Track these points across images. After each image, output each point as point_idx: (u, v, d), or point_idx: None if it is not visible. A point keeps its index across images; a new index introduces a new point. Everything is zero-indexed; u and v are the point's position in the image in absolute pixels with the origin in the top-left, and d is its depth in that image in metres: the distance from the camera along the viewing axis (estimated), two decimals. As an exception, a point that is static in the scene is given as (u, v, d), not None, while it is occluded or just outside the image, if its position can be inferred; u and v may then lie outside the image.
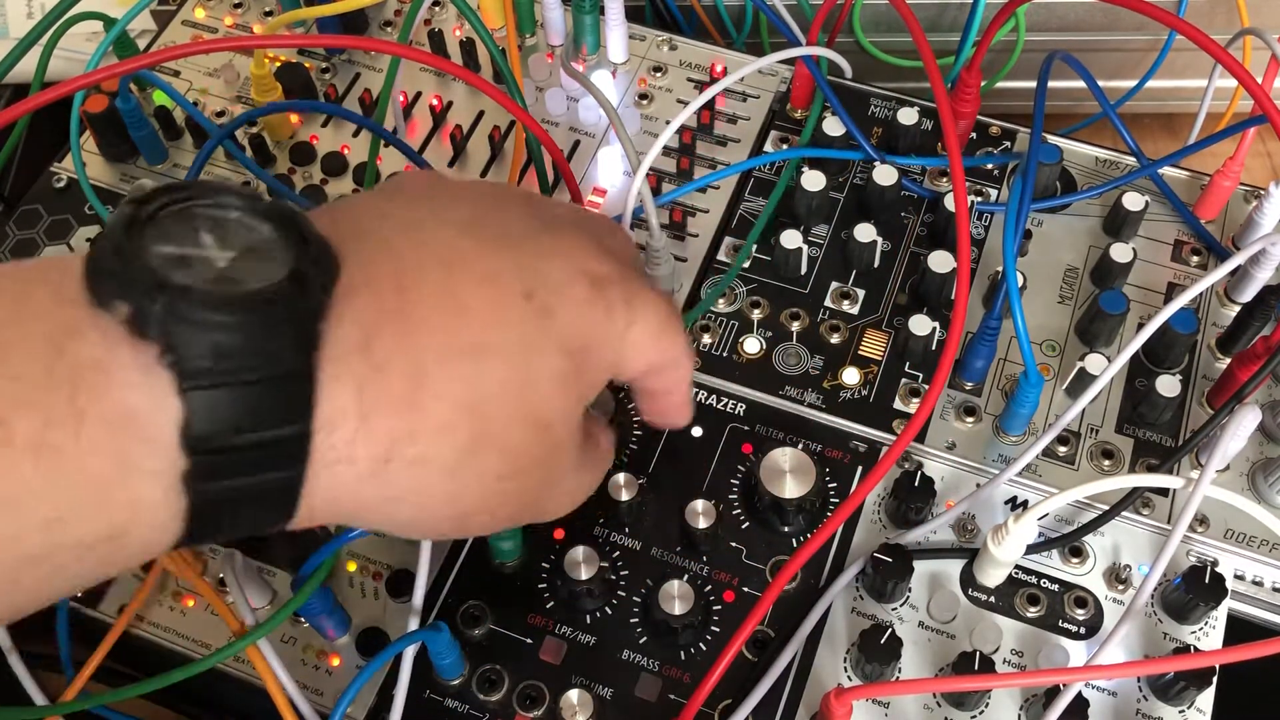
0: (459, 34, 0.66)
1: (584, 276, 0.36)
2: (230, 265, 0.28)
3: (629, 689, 0.47)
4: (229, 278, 0.28)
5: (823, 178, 0.57)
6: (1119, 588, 0.49)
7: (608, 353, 0.37)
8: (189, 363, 0.27)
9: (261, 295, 0.28)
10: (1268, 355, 0.49)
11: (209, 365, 0.27)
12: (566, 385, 0.35)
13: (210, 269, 0.28)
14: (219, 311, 0.27)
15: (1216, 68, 0.62)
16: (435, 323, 0.32)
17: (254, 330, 0.27)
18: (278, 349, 0.28)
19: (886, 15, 0.75)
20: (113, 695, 0.44)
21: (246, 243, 0.29)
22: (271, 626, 0.43)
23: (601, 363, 0.37)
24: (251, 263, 0.29)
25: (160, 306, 0.26)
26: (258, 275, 0.28)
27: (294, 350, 0.28)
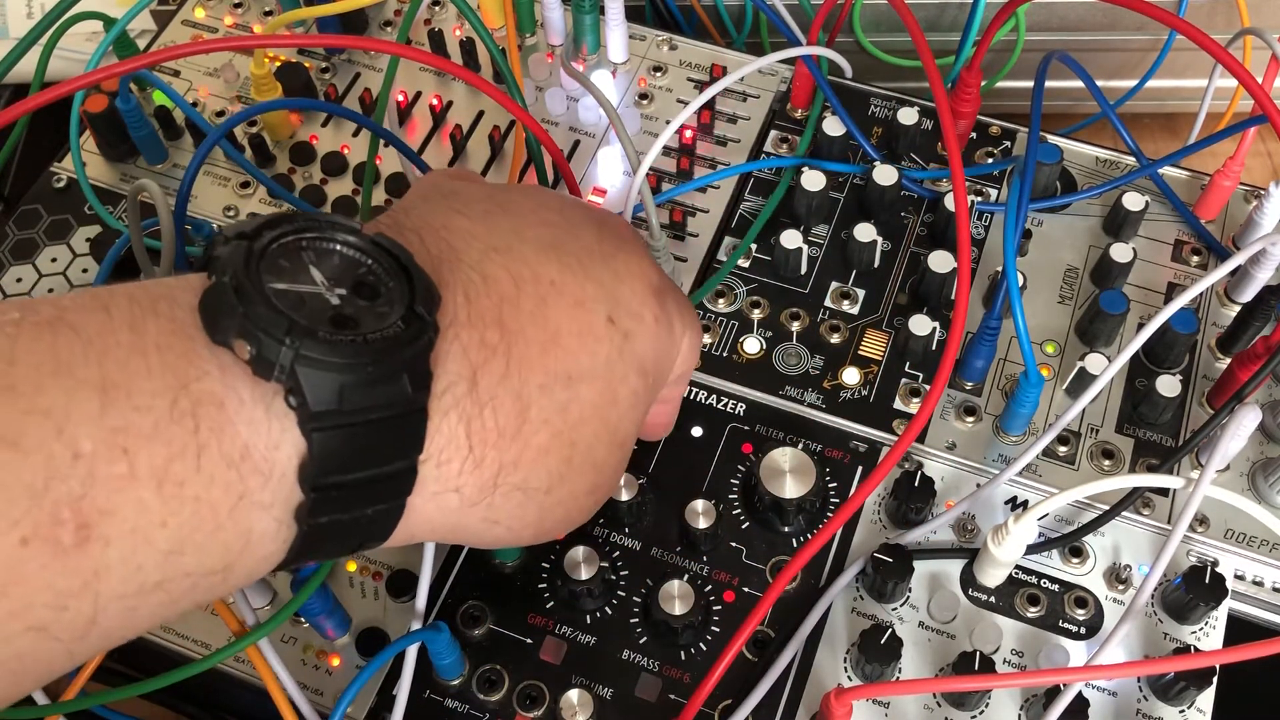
0: (459, 34, 0.66)
1: (652, 295, 0.37)
2: (343, 302, 0.29)
3: (629, 689, 0.47)
4: (346, 317, 0.29)
5: (823, 177, 0.57)
6: (1119, 588, 0.49)
7: (668, 365, 0.39)
8: (314, 405, 0.27)
9: (383, 340, 0.28)
10: (1268, 355, 0.49)
11: (334, 408, 0.28)
12: (640, 403, 0.37)
13: (327, 307, 0.29)
14: (344, 356, 0.27)
15: (1216, 68, 0.62)
16: (534, 355, 0.33)
17: (377, 374, 0.28)
18: (398, 391, 0.29)
19: (886, 15, 0.75)
20: (113, 694, 0.44)
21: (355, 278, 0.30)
22: (272, 627, 0.43)
23: (664, 377, 0.39)
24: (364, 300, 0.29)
25: (286, 350, 0.27)
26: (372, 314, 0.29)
27: (412, 391, 0.29)
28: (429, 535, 0.34)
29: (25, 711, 0.45)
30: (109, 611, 0.26)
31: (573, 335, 0.34)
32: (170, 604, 0.28)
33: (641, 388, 0.37)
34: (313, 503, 0.28)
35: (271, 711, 0.44)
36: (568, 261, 0.35)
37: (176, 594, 0.28)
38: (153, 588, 0.27)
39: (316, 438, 0.28)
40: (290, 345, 0.27)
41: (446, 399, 0.30)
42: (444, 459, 0.31)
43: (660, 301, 0.38)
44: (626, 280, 0.37)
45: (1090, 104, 0.62)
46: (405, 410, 0.29)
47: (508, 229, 0.35)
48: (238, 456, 0.27)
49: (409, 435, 0.30)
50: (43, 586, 0.25)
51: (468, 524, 0.33)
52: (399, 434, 0.29)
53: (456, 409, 0.31)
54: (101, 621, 0.26)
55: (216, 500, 0.27)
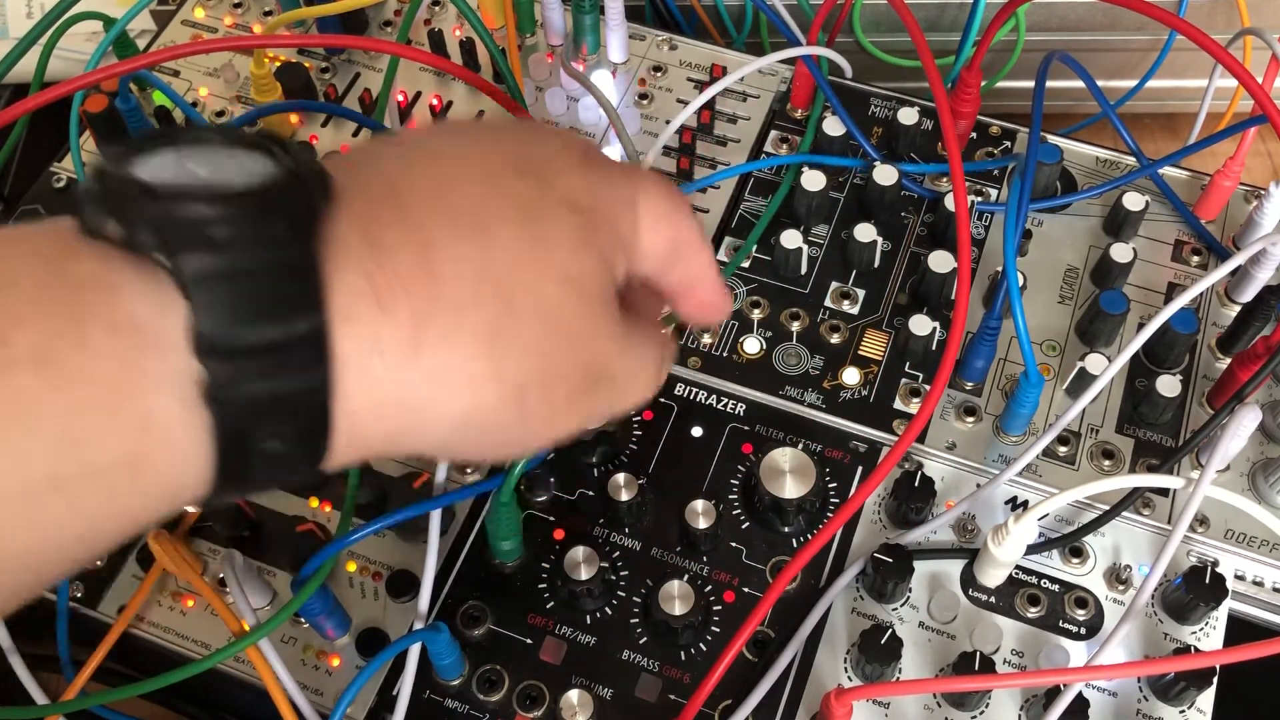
0: (459, 34, 0.66)
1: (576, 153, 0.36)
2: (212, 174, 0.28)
3: (629, 689, 0.47)
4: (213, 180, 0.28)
5: (823, 178, 0.57)
6: (1119, 588, 0.49)
7: (621, 222, 0.36)
8: (187, 262, 0.26)
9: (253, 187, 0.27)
10: (1268, 355, 0.49)
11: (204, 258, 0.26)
12: (583, 240, 0.34)
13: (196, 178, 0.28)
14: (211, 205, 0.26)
15: (1217, 68, 0.62)
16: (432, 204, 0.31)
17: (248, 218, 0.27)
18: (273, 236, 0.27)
19: (886, 15, 0.75)
20: (112, 694, 0.44)
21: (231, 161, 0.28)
22: (272, 627, 0.43)
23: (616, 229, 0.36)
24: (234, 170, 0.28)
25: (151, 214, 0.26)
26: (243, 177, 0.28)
27: (290, 237, 0.28)
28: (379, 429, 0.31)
29: (25, 711, 0.45)
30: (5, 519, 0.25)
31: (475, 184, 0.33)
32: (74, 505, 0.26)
33: (580, 223, 0.34)
34: (212, 372, 0.26)
35: (271, 711, 0.45)
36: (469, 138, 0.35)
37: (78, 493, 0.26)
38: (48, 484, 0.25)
39: (195, 293, 0.26)
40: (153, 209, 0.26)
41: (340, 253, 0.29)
42: (351, 315, 0.29)
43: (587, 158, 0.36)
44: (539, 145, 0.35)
45: (1090, 104, 0.62)
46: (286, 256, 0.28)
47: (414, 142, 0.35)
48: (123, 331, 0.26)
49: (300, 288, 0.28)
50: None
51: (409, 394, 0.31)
52: (288, 286, 0.28)
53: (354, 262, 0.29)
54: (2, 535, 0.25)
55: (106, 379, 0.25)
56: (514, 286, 0.32)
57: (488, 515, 0.48)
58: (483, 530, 0.51)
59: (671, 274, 0.39)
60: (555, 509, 0.52)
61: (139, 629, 0.49)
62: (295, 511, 0.52)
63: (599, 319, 0.35)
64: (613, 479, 0.50)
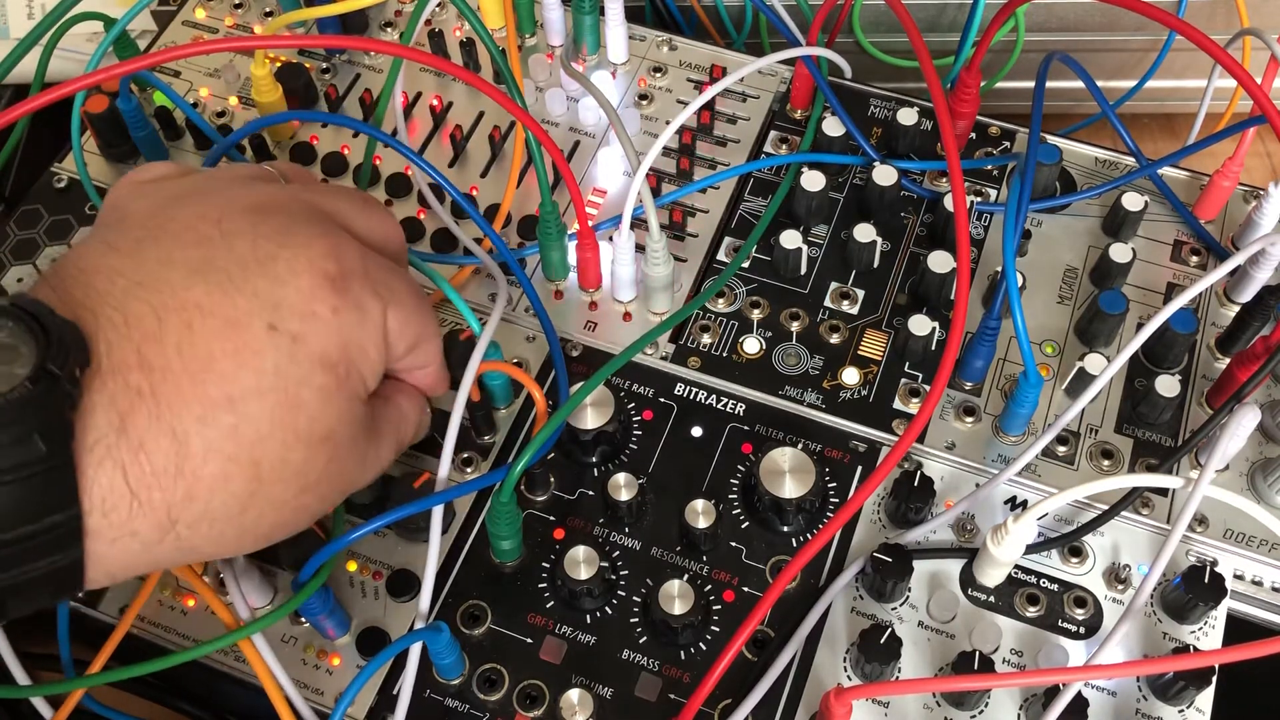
0: (459, 34, 0.66)
1: (326, 286, 0.36)
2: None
3: (629, 689, 0.47)
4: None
5: (822, 178, 0.57)
6: (1118, 587, 0.49)
7: (372, 345, 0.38)
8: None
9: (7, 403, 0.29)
10: (1267, 355, 0.49)
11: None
12: (336, 394, 0.37)
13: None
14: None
15: (1216, 68, 0.62)
16: (185, 388, 0.33)
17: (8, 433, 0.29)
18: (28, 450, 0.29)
19: (886, 15, 0.75)
20: (95, 679, 0.45)
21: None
22: (266, 623, 0.44)
23: (368, 357, 0.38)
24: None
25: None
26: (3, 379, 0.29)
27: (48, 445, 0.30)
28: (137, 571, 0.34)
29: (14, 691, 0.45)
30: None
31: (228, 356, 0.34)
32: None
33: (332, 380, 0.37)
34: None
35: (271, 711, 0.45)
36: (218, 279, 0.35)
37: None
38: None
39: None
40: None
41: (99, 450, 0.31)
42: (108, 508, 0.31)
43: (339, 289, 0.37)
44: (290, 280, 0.36)
45: (1090, 104, 0.62)
46: (41, 468, 0.30)
47: (155, 258, 0.35)
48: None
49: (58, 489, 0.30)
50: None
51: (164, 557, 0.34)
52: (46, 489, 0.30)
53: (110, 457, 0.31)
54: None
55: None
56: (264, 460, 0.35)
57: (488, 515, 0.48)
58: (483, 530, 0.51)
59: (406, 361, 0.42)
60: (555, 509, 0.52)
61: (140, 628, 0.49)
62: (296, 511, 0.52)
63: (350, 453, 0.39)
64: (613, 479, 0.50)
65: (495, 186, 0.61)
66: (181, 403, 0.33)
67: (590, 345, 0.56)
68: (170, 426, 0.33)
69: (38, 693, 0.46)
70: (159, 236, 0.36)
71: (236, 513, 0.35)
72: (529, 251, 0.58)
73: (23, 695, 0.45)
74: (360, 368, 0.38)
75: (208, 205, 0.38)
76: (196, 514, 0.34)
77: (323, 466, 0.37)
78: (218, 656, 0.48)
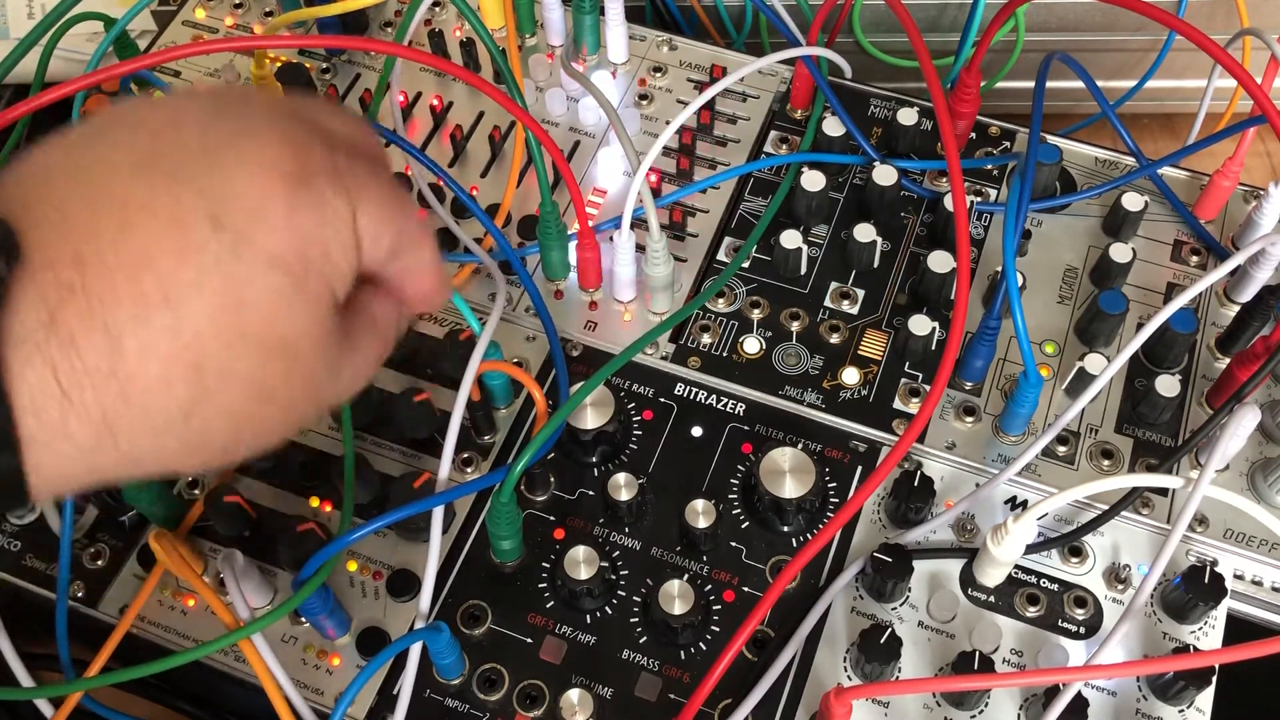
0: (459, 34, 0.66)
1: (281, 183, 0.34)
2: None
3: (629, 689, 0.47)
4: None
5: (822, 178, 0.57)
6: (1118, 587, 0.49)
7: (337, 248, 0.35)
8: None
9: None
10: (1267, 355, 0.49)
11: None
12: (292, 298, 0.34)
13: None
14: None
15: (1216, 68, 0.62)
16: (120, 284, 0.31)
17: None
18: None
19: (886, 15, 0.75)
20: (92, 682, 0.45)
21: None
22: (265, 623, 0.43)
23: (334, 259, 0.35)
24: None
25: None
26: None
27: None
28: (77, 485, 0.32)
29: (18, 693, 0.45)
30: None
31: (168, 254, 0.32)
32: None
33: (289, 282, 0.33)
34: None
35: (271, 711, 0.45)
36: (161, 174, 0.33)
37: None
38: None
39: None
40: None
41: (27, 347, 0.29)
42: (38, 407, 0.30)
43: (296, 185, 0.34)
44: (239, 173, 0.33)
45: (1090, 104, 0.62)
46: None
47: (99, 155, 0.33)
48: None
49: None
50: None
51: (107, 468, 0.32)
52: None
53: (39, 354, 0.30)
54: None
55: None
56: (205, 362, 0.32)
57: (488, 515, 0.48)
58: (483, 530, 0.51)
59: (390, 267, 0.38)
60: (555, 509, 0.52)
61: (140, 628, 0.49)
62: (296, 511, 0.52)
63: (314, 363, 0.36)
64: (613, 479, 0.50)
65: (495, 186, 0.61)
66: (115, 299, 0.31)
67: (590, 345, 0.56)
68: (103, 322, 0.30)
69: (40, 694, 0.46)
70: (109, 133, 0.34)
71: (179, 420, 0.32)
72: (529, 251, 0.58)
73: (25, 697, 0.45)
74: (324, 271, 0.35)
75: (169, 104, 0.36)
76: (135, 420, 0.31)
77: (281, 376, 0.34)
78: (217, 656, 0.48)
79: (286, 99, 0.39)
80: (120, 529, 0.51)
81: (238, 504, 0.49)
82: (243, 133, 0.34)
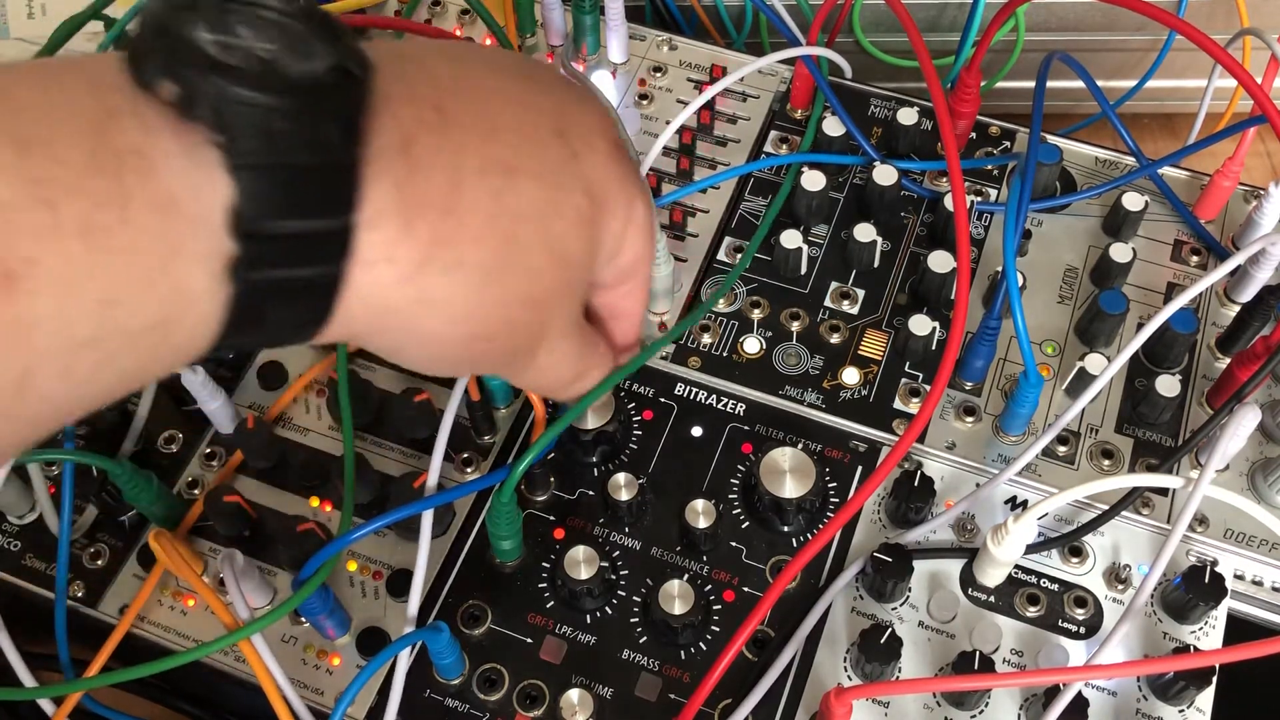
0: (459, 34, 0.66)
1: (608, 135, 0.37)
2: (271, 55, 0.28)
3: (629, 689, 0.47)
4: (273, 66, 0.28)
5: (822, 178, 0.57)
6: (1119, 587, 0.49)
7: (616, 221, 0.37)
8: (240, 143, 0.27)
9: (311, 82, 0.28)
10: (1267, 355, 0.49)
11: (259, 146, 0.27)
12: (585, 227, 0.36)
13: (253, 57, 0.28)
14: (271, 94, 0.27)
15: (1216, 68, 0.62)
16: (471, 137, 0.33)
17: (304, 115, 0.28)
18: (326, 136, 0.29)
19: (886, 15, 0.75)
20: (100, 680, 0.45)
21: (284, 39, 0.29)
22: (265, 624, 0.43)
23: (611, 227, 0.37)
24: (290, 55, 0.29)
25: (211, 86, 0.27)
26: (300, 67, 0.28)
27: (341, 140, 0.29)
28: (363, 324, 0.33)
29: (19, 693, 0.45)
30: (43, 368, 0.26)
31: (514, 131, 0.34)
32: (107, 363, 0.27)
33: (588, 211, 0.36)
34: (244, 252, 0.28)
35: (271, 711, 0.45)
36: (519, 76, 0.35)
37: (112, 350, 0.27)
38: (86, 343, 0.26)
39: (244, 178, 0.27)
40: (215, 81, 0.27)
41: (379, 161, 0.30)
42: (376, 223, 0.30)
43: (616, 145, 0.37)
44: (583, 110, 0.36)
45: (1090, 104, 0.62)
46: (334, 159, 0.29)
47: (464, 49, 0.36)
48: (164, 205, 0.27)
49: (339, 188, 0.29)
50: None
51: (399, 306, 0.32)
52: (329, 184, 0.29)
53: (389, 172, 0.30)
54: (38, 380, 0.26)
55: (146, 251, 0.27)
56: (516, 240, 0.34)
57: (488, 515, 0.48)
58: (483, 530, 0.51)
59: (613, 292, 0.41)
60: (555, 509, 0.52)
61: (139, 629, 0.49)
62: (295, 511, 0.52)
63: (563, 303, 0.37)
64: (613, 479, 0.50)
65: (495, 186, 0.61)
66: (465, 149, 0.32)
67: (590, 345, 0.56)
68: (451, 163, 0.32)
69: (40, 694, 0.46)
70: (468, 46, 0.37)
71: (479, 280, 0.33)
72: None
73: (25, 697, 0.45)
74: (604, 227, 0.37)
75: None
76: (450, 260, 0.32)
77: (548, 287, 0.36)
78: (217, 656, 0.48)
79: None
80: (120, 529, 0.51)
81: (238, 504, 0.49)
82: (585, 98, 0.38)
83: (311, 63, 0.29)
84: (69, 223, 0.25)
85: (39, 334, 0.25)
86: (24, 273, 0.25)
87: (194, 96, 0.27)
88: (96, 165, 0.26)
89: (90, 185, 0.26)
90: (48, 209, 0.25)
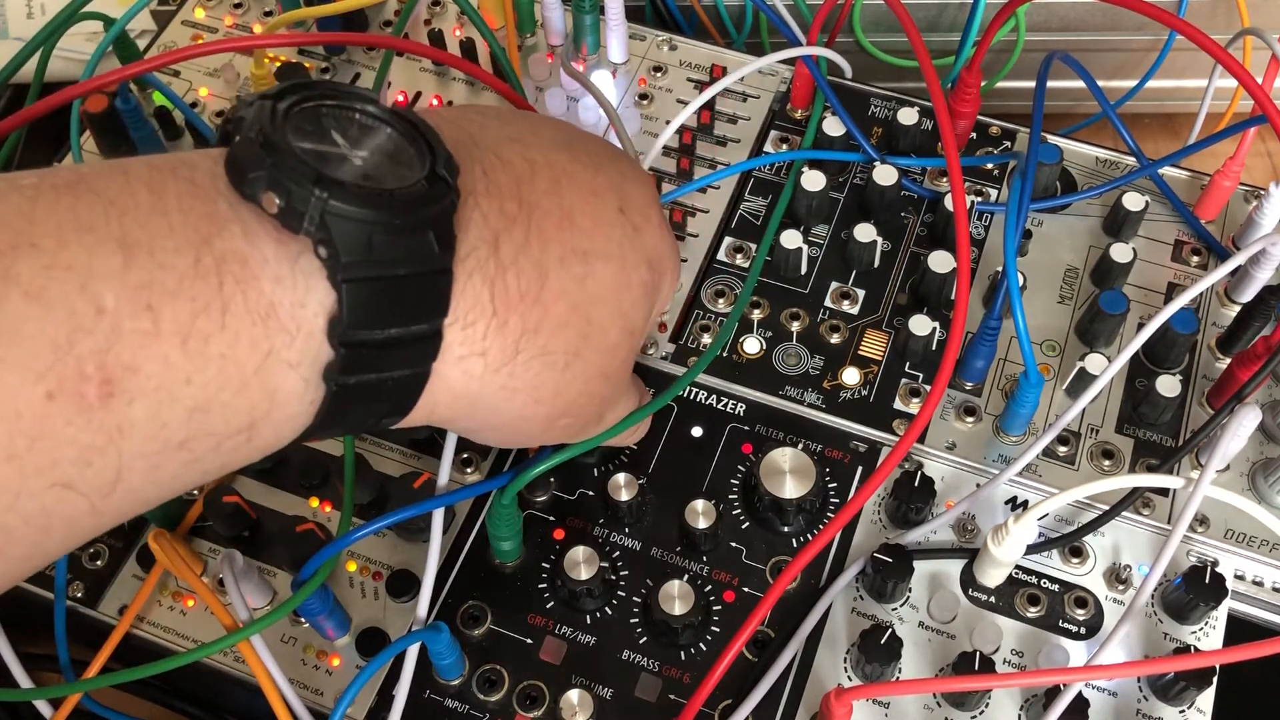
0: (459, 34, 0.66)
1: (657, 204, 0.39)
2: (365, 164, 0.29)
3: (629, 689, 0.47)
4: (370, 176, 0.29)
5: (822, 178, 0.57)
6: (1119, 588, 0.49)
7: (668, 284, 0.40)
8: (345, 256, 0.27)
9: (408, 194, 0.29)
10: (1268, 355, 0.49)
11: (362, 259, 0.28)
12: (648, 296, 0.38)
13: (351, 167, 0.29)
14: (373, 208, 0.28)
15: (1216, 68, 0.62)
16: (551, 228, 0.34)
17: (404, 228, 0.28)
18: (425, 246, 0.29)
19: (886, 15, 0.75)
20: (100, 680, 0.44)
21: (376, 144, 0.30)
22: (264, 624, 0.43)
23: (665, 290, 0.39)
24: (385, 163, 0.29)
25: (316, 200, 0.27)
26: (395, 175, 0.29)
27: (438, 248, 0.30)
28: (447, 411, 0.34)
29: (17, 694, 0.45)
30: (133, 469, 0.26)
31: (587, 216, 0.35)
32: (194, 463, 0.28)
33: (650, 282, 0.38)
34: (342, 360, 0.28)
35: (271, 711, 0.44)
36: (579, 155, 0.37)
37: (200, 453, 0.28)
38: (177, 446, 0.27)
39: (347, 290, 0.28)
40: (319, 196, 0.27)
41: (470, 262, 0.31)
42: (469, 321, 0.31)
43: (660, 210, 0.39)
44: (633, 181, 0.38)
45: (1090, 104, 0.62)
46: (431, 268, 0.30)
47: (522, 126, 0.37)
48: (263, 313, 0.27)
49: (435, 294, 0.30)
50: (67, 441, 0.25)
51: (487, 395, 0.33)
52: (426, 292, 0.30)
53: (480, 271, 0.31)
54: (126, 478, 0.26)
55: (242, 358, 0.27)
56: (593, 320, 0.35)
57: (488, 515, 0.48)
58: (483, 530, 0.51)
59: None
60: (555, 509, 0.52)
61: (139, 629, 0.49)
62: (295, 511, 0.52)
63: (627, 369, 0.40)
64: (613, 479, 0.50)
65: (495, 186, 0.61)
66: (547, 239, 0.33)
67: (590, 345, 0.56)
68: (536, 256, 0.33)
69: (39, 695, 0.46)
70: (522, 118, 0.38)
71: (563, 364, 0.35)
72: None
73: (25, 698, 0.45)
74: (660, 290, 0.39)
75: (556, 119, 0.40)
76: (537, 349, 0.34)
77: (620, 360, 0.38)
78: (217, 657, 0.48)
79: None
80: (119, 529, 0.51)
81: (237, 504, 0.49)
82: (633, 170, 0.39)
83: (411, 172, 0.29)
84: (169, 327, 0.26)
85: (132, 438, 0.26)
86: (123, 380, 0.25)
87: (297, 210, 0.27)
88: (199, 271, 0.26)
89: (192, 291, 0.26)
90: (149, 315, 0.25)
